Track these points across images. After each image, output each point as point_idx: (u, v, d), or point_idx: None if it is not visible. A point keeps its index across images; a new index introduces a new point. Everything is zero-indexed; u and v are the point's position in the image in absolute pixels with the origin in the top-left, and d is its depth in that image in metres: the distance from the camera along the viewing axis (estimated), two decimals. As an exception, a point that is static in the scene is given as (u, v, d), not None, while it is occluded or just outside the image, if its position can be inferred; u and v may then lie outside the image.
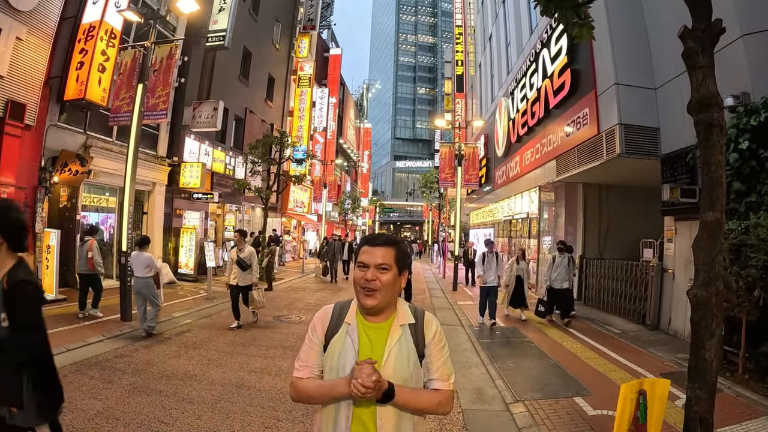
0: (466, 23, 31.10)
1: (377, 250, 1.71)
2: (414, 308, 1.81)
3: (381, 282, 1.67)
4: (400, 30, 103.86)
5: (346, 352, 1.68)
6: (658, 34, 8.72)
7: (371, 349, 1.67)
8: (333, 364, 1.69)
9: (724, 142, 2.98)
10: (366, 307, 1.70)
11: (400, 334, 1.70)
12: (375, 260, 1.69)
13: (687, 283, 7.10)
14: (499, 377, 6.07)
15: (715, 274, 2.76)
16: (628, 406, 2.93)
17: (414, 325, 1.74)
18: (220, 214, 19.55)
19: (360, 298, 1.71)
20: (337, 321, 1.77)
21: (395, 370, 1.63)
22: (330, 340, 1.74)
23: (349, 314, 1.77)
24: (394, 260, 1.72)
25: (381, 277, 1.67)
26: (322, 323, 1.79)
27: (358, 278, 1.69)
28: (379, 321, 1.73)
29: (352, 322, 1.74)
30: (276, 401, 5.01)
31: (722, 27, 2.85)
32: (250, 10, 20.30)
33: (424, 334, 1.74)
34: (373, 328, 1.72)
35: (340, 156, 42.75)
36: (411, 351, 1.69)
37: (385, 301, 1.71)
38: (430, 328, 1.75)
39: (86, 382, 5.29)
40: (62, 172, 10.42)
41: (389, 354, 1.66)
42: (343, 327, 1.74)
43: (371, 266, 1.68)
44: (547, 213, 14.64)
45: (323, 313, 1.83)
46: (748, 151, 6.20)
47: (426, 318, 1.78)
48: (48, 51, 9.83)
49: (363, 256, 1.72)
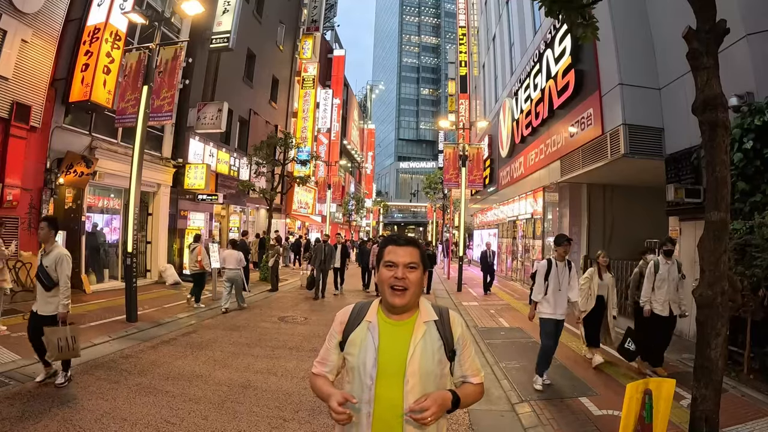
0: (470, 24, 31.05)
1: (404, 249, 1.75)
2: (437, 306, 1.84)
3: (410, 280, 1.71)
4: (403, 31, 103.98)
5: (366, 349, 1.70)
6: (662, 35, 8.71)
7: (393, 346, 1.69)
8: (354, 361, 1.71)
9: (729, 142, 2.98)
10: (395, 306, 1.72)
11: (425, 330, 1.72)
12: (404, 259, 1.73)
13: (692, 283, 7.08)
14: (504, 377, 6.08)
15: (720, 274, 2.76)
16: (634, 405, 2.93)
17: (439, 321, 1.77)
18: (224, 215, 19.61)
19: (388, 298, 1.72)
20: (356, 318, 1.80)
21: (421, 365, 1.66)
22: (348, 336, 1.77)
23: (370, 312, 1.79)
24: (420, 259, 1.76)
25: (410, 276, 1.71)
26: (341, 321, 1.83)
27: (387, 277, 1.72)
28: (402, 318, 1.75)
29: (373, 320, 1.76)
30: (282, 402, 5.03)
31: (726, 27, 2.85)
32: (254, 11, 20.38)
33: (452, 330, 1.77)
34: (397, 326, 1.74)
35: (344, 157, 42.82)
36: (436, 347, 1.71)
37: (414, 299, 1.74)
38: (457, 326, 1.79)
39: (93, 383, 5.32)
40: (67, 174, 10.48)
41: (414, 350, 1.67)
42: (363, 324, 1.77)
43: (400, 265, 1.72)
44: (552, 213, 14.61)
45: (344, 311, 1.86)
46: (753, 151, 6.19)
47: (452, 316, 1.82)
48: (53, 53, 9.91)
49: (390, 255, 1.75)
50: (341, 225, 43.73)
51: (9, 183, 9.13)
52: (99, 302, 10.03)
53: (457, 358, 1.77)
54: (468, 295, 14.74)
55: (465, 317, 10.53)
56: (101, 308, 9.48)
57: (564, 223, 13.35)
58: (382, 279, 1.74)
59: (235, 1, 15.71)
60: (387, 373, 1.65)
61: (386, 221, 77.20)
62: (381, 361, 1.66)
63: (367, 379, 1.66)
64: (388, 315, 1.76)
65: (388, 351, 1.67)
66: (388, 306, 1.75)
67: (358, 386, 1.68)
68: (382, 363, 1.66)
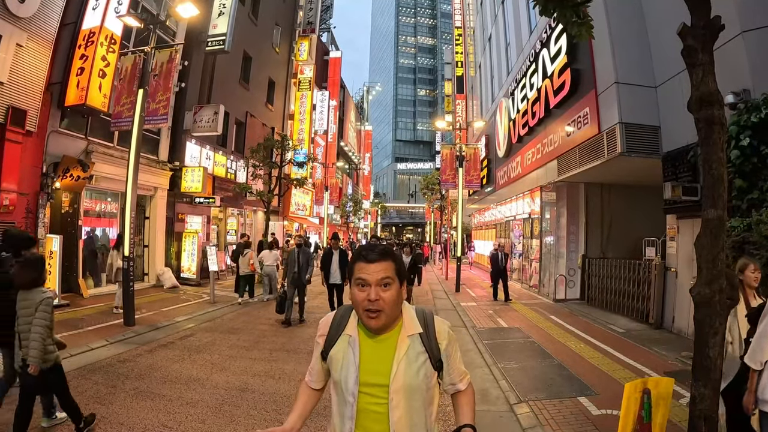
0: (466, 24, 31.11)
1: (375, 266, 1.58)
2: (422, 312, 1.72)
3: (385, 301, 1.56)
4: (399, 32, 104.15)
5: (348, 366, 1.61)
6: (657, 32, 8.72)
7: (375, 363, 1.60)
8: (336, 376, 1.64)
9: (726, 140, 2.97)
10: (371, 329, 1.61)
11: (408, 344, 1.62)
12: (376, 276, 1.57)
13: (690, 281, 7.08)
14: (503, 378, 6.06)
15: (717, 272, 2.75)
16: (633, 405, 2.92)
17: (424, 334, 1.65)
18: (222, 218, 19.57)
19: (364, 320, 1.61)
20: (336, 329, 1.70)
21: (405, 382, 1.57)
22: (330, 349, 1.68)
23: (350, 325, 1.68)
24: (395, 272, 1.61)
25: (384, 295, 1.56)
26: (322, 332, 1.74)
27: (360, 300, 1.57)
28: (385, 333, 1.64)
29: (353, 333, 1.65)
30: (280, 404, 5.01)
31: (722, 24, 2.84)
32: (250, 14, 20.36)
33: (438, 342, 1.67)
34: (378, 341, 1.63)
35: (342, 158, 42.81)
36: (421, 361, 1.61)
37: (391, 319, 1.62)
38: (443, 337, 1.68)
39: (90, 387, 5.30)
40: (64, 178, 10.44)
41: (398, 368, 1.58)
42: (343, 338, 1.67)
43: (372, 284, 1.57)
44: (550, 213, 14.63)
45: (325, 319, 1.77)
46: (750, 148, 6.19)
47: (437, 326, 1.69)
48: (48, 57, 9.86)
49: (360, 272, 1.59)
50: (339, 226, 43.70)
51: (5, 188, 9.09)
52: (96, 306, 9.99)
53: (445, 368, 1.68)
54: (466, 295, 14.73)
55: (463, 318, 10.52)
56: (98, 312, 9.45)
57: (562, 223, 13.36)
58: (356, 300, 1.60)
59: (231, 4, 15.67)
60: (370, 390, 1.57)
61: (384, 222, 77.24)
62: (362, 379, 1.58)
63: (349, 397, 1.58)
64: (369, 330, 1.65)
65: (369, 369, 1.59)
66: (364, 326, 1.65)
67: (341, 401, 1.62)
68: (363, 380, 1.58)
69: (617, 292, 10.65)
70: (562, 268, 13.14)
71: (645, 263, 9.65)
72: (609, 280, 11.06)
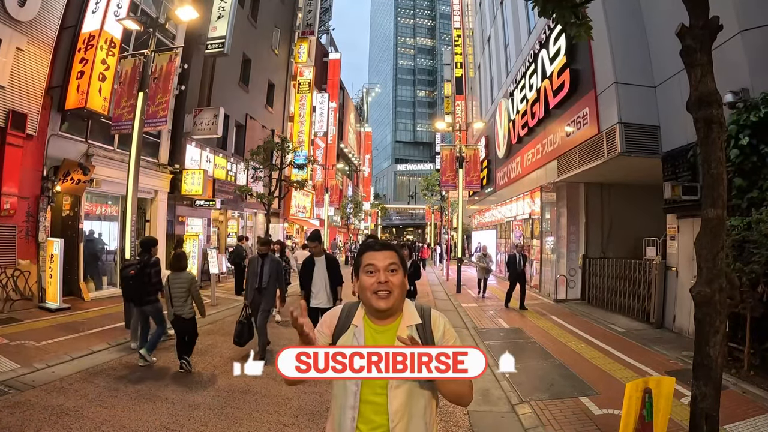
0: (465, 25, 31.13)
1: (382, 254, 1.76)
2: (420, 307, 1.84)
3: (393, 283, 1.71)
4: (398, 33, 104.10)
5: None
6: (656, 32, 8.73)
7: None
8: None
9: (725, 139, 2.99)
10: (380, 310, 1.72)
11: (407, 335, 1.69)
12: (384, 262, 1.74)
13: (690, 280, 7.09)
14: (504, 378, 6.05)
15: (718, 271, 2.76)
16: (634, 404, 2.93)
17: (421, 325, 1.77)
18: (222, 220, 19.57)
19: (373, 302, 1.72)
20: (344, 321, 1.81)
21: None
22: (337, 340, 1.78)
23: (357, 316, 1.80)
24: (399, 261, 1.78)
25: (392, 279, 1.72)
26: (329, 324, 1.83)
27: (369, 284, 1.72)
28: (386, 323, 1.76)
29: (359, 324, 1.77)
30: (281, 407, 5.01)
31: (720, 24, 2.86)
32: (249, 16, 20.38)
33: (433, 333, 1.77)
34: (381, 331, 1.75)
35: (342, 160, 42.79)
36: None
37: (398, 302, 1.75)
38: (438, 326, 1.78)
39: (92, 391, 5.30)
40: (64, 181, 10.45)
41: None
42: (350, 328, 1.78)
43: (381, 269, 1.73)
44: (550, 213, 14.63)
45: (332, 314, 1.87)
46: (749, 147, 6.19)
47: (433, 317, 1.81)
48: (48, 61, 9.88)
49: (369, 260, 1.76)
50: (339, 228, 43.69)
51: (6, 191, 9.10)
52: (98, 309, 9.98)
53: None
54: (467, 296, 14.73)
55: (464, 318, 10.52)
56: (100, 315, 9.44)
57: (562, 223, 13.37)
58: (365, 286, 1.74)
59: (230, 6, 15.68)
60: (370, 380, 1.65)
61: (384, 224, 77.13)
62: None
63: (352, 385, 1.67)
64: (373, 320, 1.77)
65: None
66: (372, 311, 1.76)
67: (343, 390, 1.70)
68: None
69: (618, 291, 10.65)
70: (562, 268, 13.14)
71: (645, 263, 9.65)
72: (609, 279, 11.06)
